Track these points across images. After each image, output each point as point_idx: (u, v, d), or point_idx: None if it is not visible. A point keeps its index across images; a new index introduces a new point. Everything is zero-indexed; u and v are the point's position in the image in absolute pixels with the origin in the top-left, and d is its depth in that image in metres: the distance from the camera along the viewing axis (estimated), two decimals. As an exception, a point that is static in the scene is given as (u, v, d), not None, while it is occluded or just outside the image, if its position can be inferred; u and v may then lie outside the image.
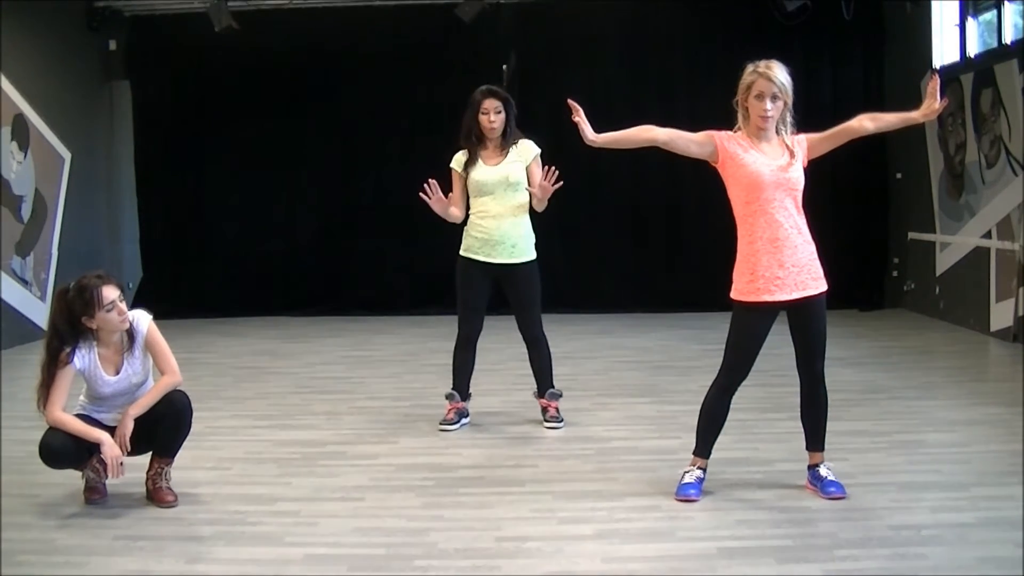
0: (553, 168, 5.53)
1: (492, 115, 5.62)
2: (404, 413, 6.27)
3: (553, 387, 5.91)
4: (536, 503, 4.48)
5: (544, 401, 5.89)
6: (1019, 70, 7.99)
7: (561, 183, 5.52)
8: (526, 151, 5.68)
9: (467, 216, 5.80)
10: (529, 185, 5.66)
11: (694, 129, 4.42)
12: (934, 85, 4.26)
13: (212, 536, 4.16)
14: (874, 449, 5.17)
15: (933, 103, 4.26)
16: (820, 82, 10.15)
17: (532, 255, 5.74)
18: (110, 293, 4.37)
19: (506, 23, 10.52)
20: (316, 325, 10.19)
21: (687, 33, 10.61)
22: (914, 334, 8.97)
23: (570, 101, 4.37)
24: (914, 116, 4.34)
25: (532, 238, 5.76)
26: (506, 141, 5.64)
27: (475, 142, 5.68)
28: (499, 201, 5.67)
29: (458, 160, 5.75)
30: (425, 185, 5.61)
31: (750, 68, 4.28)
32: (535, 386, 5.95)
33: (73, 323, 4.38)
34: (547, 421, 5.84)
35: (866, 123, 4.35)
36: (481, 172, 5.67)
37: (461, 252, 5.78)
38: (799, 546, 3.88)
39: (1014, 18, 8.42)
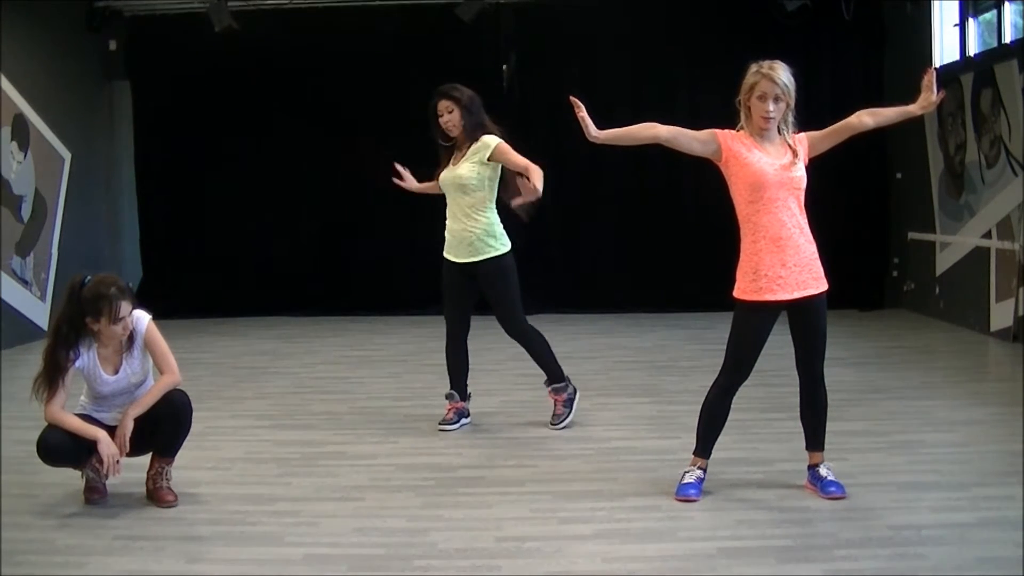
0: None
1: (445, 115, 5.62)
2: (404, 413, 6.27)
3: (561, 379, 5.80)
4: (536, 503, 4.48)
5: (550, 395, 5.85)
6: (1019, 70, 7.99)
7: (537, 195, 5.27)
8: (482, 147, 5.55)
9: None
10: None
11: (695, 129, 4.42)
12: (930, 78, 4.28)
13: (212, 536, 4.16)
14: (874, 449, 5.17)
15: (930, 96, 4.28)
16: (820, 82, 10.14)
17: (496, 251, 5.61)
18: (125, 309, 4.37)
19: (506, 23, 10.52)
20: (316, 325, 10.19)
21: (687, 33, 10.60)
22: (914, 334, 8.96)
23: (572, 98, 4.36)
24: (911, 109, 4.37)
25: (495, 234, 5.62)
26: (467, 139, 5.59)
27: (448, 146, 5.69)
28: (453, 201, 5.68)
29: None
30: (396, 168, 5.76)
31: (753, 68, 4.28)
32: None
33: (79, 319, 4.38)
34: (551, 420, 5.82)
35: (865, 119, 4.37)
36: (443, 173, 5.70)
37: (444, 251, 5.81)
38: (799, 546, 3.88)
39: (1014, 18, 8.42)
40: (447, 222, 5.74)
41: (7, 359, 8.26)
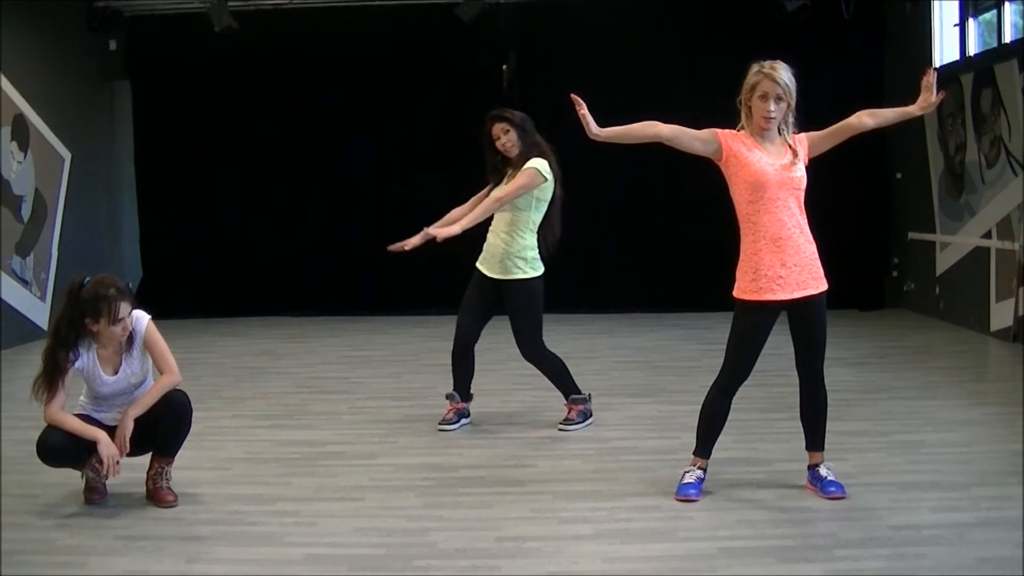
0: None
1: (502, 138, 5.66)
2: (404, 413, 6.27)
3: (579, 392, 5.85)
4: (536, 503, 4.48)
5: (567, 404, 5.85)
6: (1019, 70, 7.99)
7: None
8: (529, 166, 5.64)
9: None
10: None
11: (695, 129, 4.41)
12: (929, 79, 4.28)
13: (212, 536, 4.16)
14: (874, 449, 5.17)
15: (929, 96, 4.28)
16: (820, 82, 10.11)
17: (524, 274, 5.65)
18: (124, 309, 4.37)
19: (506, 23, 10.51)
20: (316, 325, 10.19)
21: (687, 33, 10.61)
22: (914, 334, 8.97)
23: (573, 96, 4.36)
24: (911, 110, 4.37)
25: (525, 257, 5.66)
26: (522, 158, 5.62)
27: (501, 167, 5.72)
28: (498, 216, 5.71)
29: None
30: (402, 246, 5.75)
31: (755, 68, 4.28)
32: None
33: (79, 320, 4.38)
34: (560, 422, 5.81)
35: (865, 119, 4.37)
36: (496, 190, 5.72)
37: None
38: (799, 546, 3.89)
39: (1014, 18, 8.42)
40: (487, 235, 5.76)
41: (7, 359, 8.26)
